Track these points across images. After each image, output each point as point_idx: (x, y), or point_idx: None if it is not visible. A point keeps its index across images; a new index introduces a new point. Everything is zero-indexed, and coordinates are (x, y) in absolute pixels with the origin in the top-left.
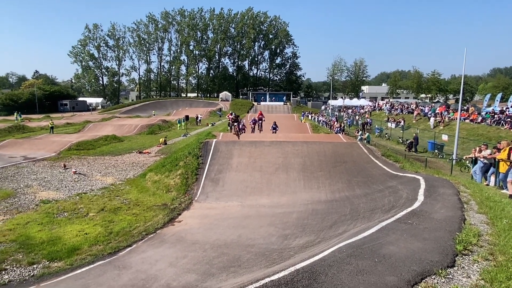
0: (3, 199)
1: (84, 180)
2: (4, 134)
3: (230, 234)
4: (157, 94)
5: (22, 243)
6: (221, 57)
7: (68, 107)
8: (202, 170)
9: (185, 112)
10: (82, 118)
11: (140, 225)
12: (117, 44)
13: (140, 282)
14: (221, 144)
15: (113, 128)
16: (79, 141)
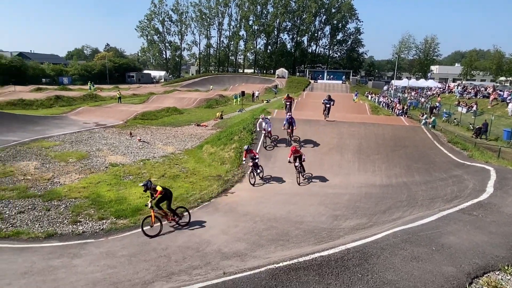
0: (79, 160)
1: (147, 148)
2: (79, 102)
3: (280, 209)
4: (216, 69)
5: (94, 200)
6: (280, 33)
7: (135, 79)
8: (256, 145)
9: (242, 87)
10: (147, 90)
11: (196, 193)
12: (180, 19)
13: (194, 244)
14: (276, 121)
15: (174, 101)
16: (144, 111)
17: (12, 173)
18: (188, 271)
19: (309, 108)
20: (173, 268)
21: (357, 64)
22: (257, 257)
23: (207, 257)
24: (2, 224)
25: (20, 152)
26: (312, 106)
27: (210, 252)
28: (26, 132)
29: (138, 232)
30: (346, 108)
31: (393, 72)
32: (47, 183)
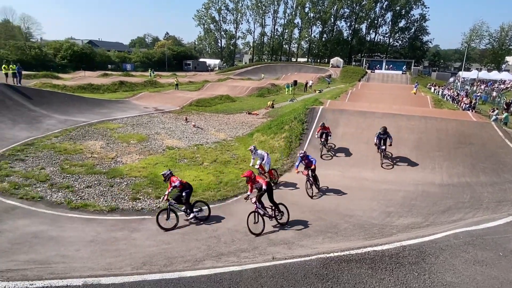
0: (139, 141)
1: (201, 133)
2: (140, 88)
3: (329, 201)
4: (269, 58)
5: (151, 180)
6: (337, 20)
7: (191, 66)
8: (306, 136)
9: (294, 77)
10: (202, 78)
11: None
12: (236, 7)
13: (243, 229)
14: (328, 112)
15: (227, 89)
16: (199, 98)
17: (81, 151)
18: (237, 253)
19: (364, 99)
20: (222, 249)
21: (420, 53)
22: (304, 246)
23: (254, 241)
24: (73, 196)
25: (88, 132)
26: (367, 97)
27: (258, 237)
28: (94, 114)
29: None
30: (405, 100)
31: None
32: (111, 162)
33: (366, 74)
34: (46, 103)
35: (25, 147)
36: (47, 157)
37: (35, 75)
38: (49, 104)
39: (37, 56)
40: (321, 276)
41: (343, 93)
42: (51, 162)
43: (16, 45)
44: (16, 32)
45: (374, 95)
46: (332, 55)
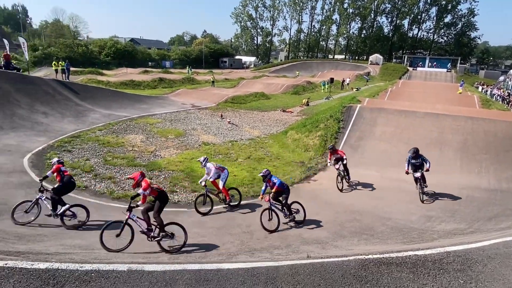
0: (177, 136)
1: (236, 130)
2: (178, 84)
3: (364, 202)
4: (305, 55)
5: (188, 174)
6: (377, 16)
7: (227, 64)
8: (342, 135)
9: (330, 74)
10: (237, 75)
11: (278, 177)
12: (273, 4)
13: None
14: (366, 110)
15: (262, 86)
16: (234, 95)
17: (123, 144)
18: (270, 250)
19: (404, 97)
20: (256, 244)
21: (467, 50)
22: (338, 247)
23: (287, 239)
24: (115, 187)
25: (130, 126)
26: (408, 95)
27: (291, 235)
28: (134, 109)
29: (225, 207)
30: (450, 99)
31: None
32: (150, 155)
33: (408, 71)
34: (91, 98)
35: (72, 139)
36: (91, 149)
37: (81, 71)
38: (94, 99)
39: (84, 54)
40: (359, 278)
41: (382, 91)
42: (95, 154)
43: (65, 43)
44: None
45: (416, 93)
46: (371, 52)
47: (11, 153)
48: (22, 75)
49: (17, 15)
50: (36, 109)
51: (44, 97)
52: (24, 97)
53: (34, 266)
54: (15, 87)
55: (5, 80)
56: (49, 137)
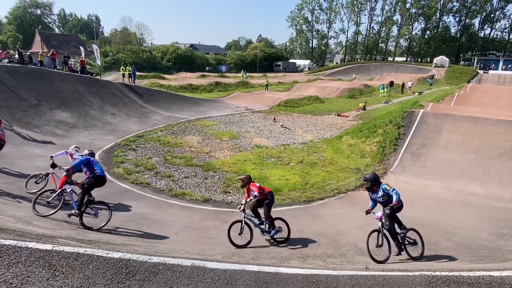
0: (231, 139)
1: (288, 134)
2: (233, 88)
3: (427, 215)
4: (362, 58)
5: (241, 176)
6: (443, 15)
7: (281, 67)
8: (403, 141)
9: (390, 77)
10: (291, 79)
11: (332, 183)
12: (330, 6)
13: (329, 233)
14: (430, 116)
15: (316, 90)
16: (287, 99)
17: (181, 145)
18: (322, 257)
19: (474, 103)
20: (308, 251)
21: None
22: (398, 260)
23: (341, 248)
24: (173, 185)
25: (188, 128)
26: (478, 101)
27: (345, 244)
28: (192, 112)
29: (276, 210)
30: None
31: None
32: (206, 156)
33: (477, 75)
34: (153, 100)
35: (136, 139)
36: (153, 148)
37: (145, 75)
38: (156, 101)
39: (148, 59)
40: None
41: (448, 95)
42: (156, 153)
43: (131, 49)
44: (132, 38)
45: (487, 98)
46: (435, 54)
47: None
48: (94, 79)
49: (91, 24)
50: (106, 110)
51: (113, 99)
52: (96, 99)
53: (109, 255)
54: (89, 90)
55: (80, 83)
56: (117, 136)
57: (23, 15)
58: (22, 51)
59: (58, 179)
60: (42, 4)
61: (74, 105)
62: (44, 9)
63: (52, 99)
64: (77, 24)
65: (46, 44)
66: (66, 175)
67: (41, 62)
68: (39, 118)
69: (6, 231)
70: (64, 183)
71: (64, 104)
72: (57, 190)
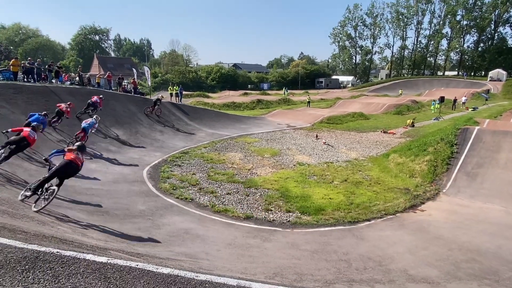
0: (272, 156)
1: (331, 151)
2: (275, 105)
3: (486, 241)
4: (409, 72)
5: (282, 193)
6: (498, 26)
7: (323, 84)
8: (456, 160)
9: (440, 92)
10: (334, 95)
11: (379, 204)
12: (374, 22)
13: (376, 257)
14: (486, 133)
15: (360, 106)
16: (330, 115)
17: (224, 161)
18: (370, 283)
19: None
20: (354, 275)
21: None
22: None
23: (390, 273)
24: (216, 201)
25: (230, 145)
26: None
27: (394, 269)
28: (235, 129)
29: (319, 230)
30: None
31: None
32: (248, 173)
33: None
34: (198, 118)
35: (182, 155)
36: (197, 165)
37: (191, 94)
38: (201, 119)
39: (194, 79)
40: None
41: (506, 111)
42: (200, 169)
43: (179, 70)
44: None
45: None
46: (491, 67)
47: (134, 165)
48: (145, 98)
49: (143, 47)
50: (154, 128)
51: (161, 118)
52: (146, 117)
53: (158, 270)
54: (139, 109)
55: (132, 103)
56: (164, 152)
57: (83, 41)
58: (82, 74)
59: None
60: (100, 30)
61: (126, 123)
62: (102, 35)
63: (107, 118)
64: (130, 48)
65: (103, 67)
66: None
67: (98, 84)
68: (96, 135)
69: (65, 242)
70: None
71: (118, 122)
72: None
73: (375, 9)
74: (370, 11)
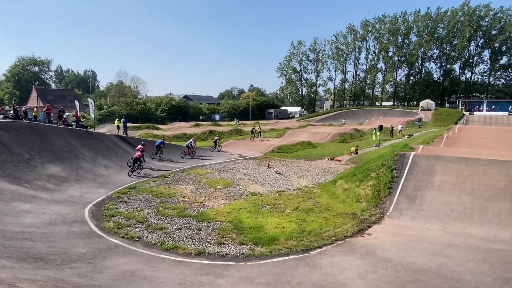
0: (225, 187)
1: (283, 180)
2: (227, 136)
3: (428, 260)
4: (351, 103)
5: (235, 225)
6: (425, 62)
7: (273, 115)
8: (397, 184)
9: (379, 121)
10: (283, 125)
11: (329, 230)
12: (317, 57)
13: (329, 284)
14: (421, 158)
15: (308, 135)
16: (280, 145)
17: (174, 195)
18: None
19: (463, 144)
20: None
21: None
22: None
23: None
24: (165, 238)
25: (181, 177)
26: (467, 142)
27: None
28: (186, 161)
29: (273, 261)
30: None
31: None
32: (200, 206)
33: (464, 116)
34: (147, 151)
35: (129, 190)
36: (145, 200)
37: (139, 126)
38: (149, 151)
39: (142, 111)
40: None
41: (437, 137)
42: (148, 205)
43: (126, 102)
44: (127, 91)
45: (476, 139)
46: (421, 98)
47: (75, 204)
48: (88, 131)
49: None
50: (98, 162)
51: (106, 151)
52: (89, 151)
53: None
54: (82, 143)
55: (74, 136)
56: (108, 188)
57: (21, 72)
58: (17, 106)
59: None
60: (40, 62)
61: (67, 158)
62: (42, 66)
63: (45, 153)
64: (73, 79)
65: (42, 99)
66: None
67: (35, 117)
68: (31, 173)
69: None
70: None
71: (57, 157)
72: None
73: (317, 46)
74: (313, 47)
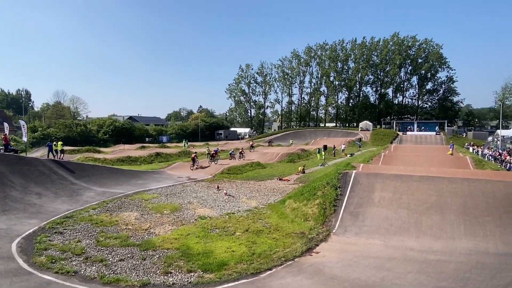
0: (172, 212)
1: (233, 201)
2: (175, 158)
3: (372, 275)
4: (297, 124)
5: (183, 252)
6: (362, 86)
7: (223, 136)
8: (341, 202)
9: (323, 141)
10: (233, 146)
11: (279, 250)
12: (264, 80)
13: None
14: (362, 176)
15: (257, 155)
16: (230, 166)
17: (116, 223)
18: None
19: (398, 161)
20: None
21: (452, 113)
22: None
23: None
24: (106, 270)
25: (124, 203)
26: (401, 159)
27: None
28: (130, 185)
29: None
30: (443, 162)
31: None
32: (145, 233)
33: (398, 136)
34: (86, 176)
35: (65, 220)
36: (84, 230)
37: (79, 150)
38: (89, 177)
39: (82, 133)
40: None
41: (375, 156)
42: (87, 235)
43: (64, 123)
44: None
45: (409, 157)
46: (360, 119)
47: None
48: (19, 156)
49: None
50: (30, 190)
51: (39, 178)
52: (19, 179)
53: None
54: (11, 169)
55: (2, 162)
56: (41, 218)
57: None
58: None
59: None
60: None
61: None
62: None
63: None
64: (3, 100)
65: None
66: None
67: None
68: None
69: None
70: None
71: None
72: None
73: (265, 69)
74: (260, 71)
